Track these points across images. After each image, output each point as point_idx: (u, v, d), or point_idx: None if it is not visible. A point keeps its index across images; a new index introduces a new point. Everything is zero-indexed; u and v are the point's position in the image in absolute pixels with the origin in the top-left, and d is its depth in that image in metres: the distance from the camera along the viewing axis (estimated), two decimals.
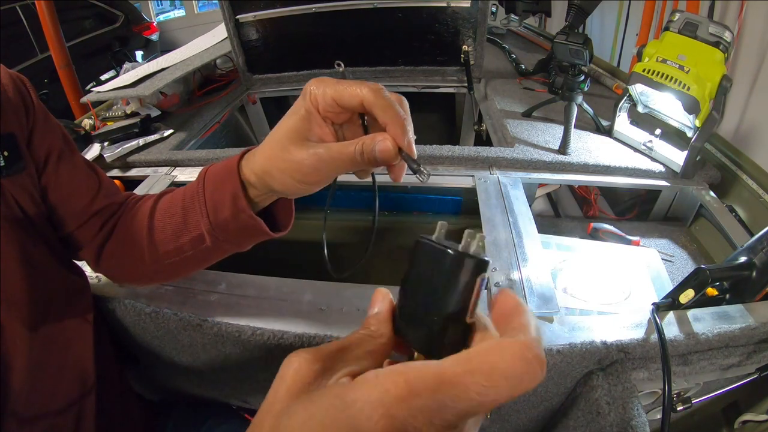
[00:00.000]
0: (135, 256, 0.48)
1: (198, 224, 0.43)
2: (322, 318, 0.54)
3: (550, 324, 0.51)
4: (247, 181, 0.40)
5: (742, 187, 0.77)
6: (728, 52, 0.71)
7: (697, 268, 0.51)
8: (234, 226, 0.42)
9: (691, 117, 0.74)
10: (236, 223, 0.42)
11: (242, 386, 0.65)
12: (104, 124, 1.05)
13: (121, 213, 0.51)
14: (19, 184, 0.43)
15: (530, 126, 0.95)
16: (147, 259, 0.48)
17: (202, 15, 5.22)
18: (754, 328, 0.50)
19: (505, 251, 0.62)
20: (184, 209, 0.45)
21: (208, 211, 0.42)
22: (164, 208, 0.47)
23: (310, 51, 1.32)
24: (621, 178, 0.80)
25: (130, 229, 0.49)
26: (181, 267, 0.49)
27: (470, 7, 1.15)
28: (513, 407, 0.58)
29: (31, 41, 2.90)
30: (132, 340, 0.62)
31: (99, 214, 0.50)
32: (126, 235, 0.49)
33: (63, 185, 0.48)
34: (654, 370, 0.51)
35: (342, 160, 0.34)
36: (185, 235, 0.45)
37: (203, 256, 0.46)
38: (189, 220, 0.44)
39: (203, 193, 0.42)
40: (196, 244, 0.45)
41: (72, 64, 1.87)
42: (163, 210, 0.47)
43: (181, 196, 0.46)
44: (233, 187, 0.40)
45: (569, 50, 0.80)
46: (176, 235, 0.45)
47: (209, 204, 0.42)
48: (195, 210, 0.43)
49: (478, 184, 0.77)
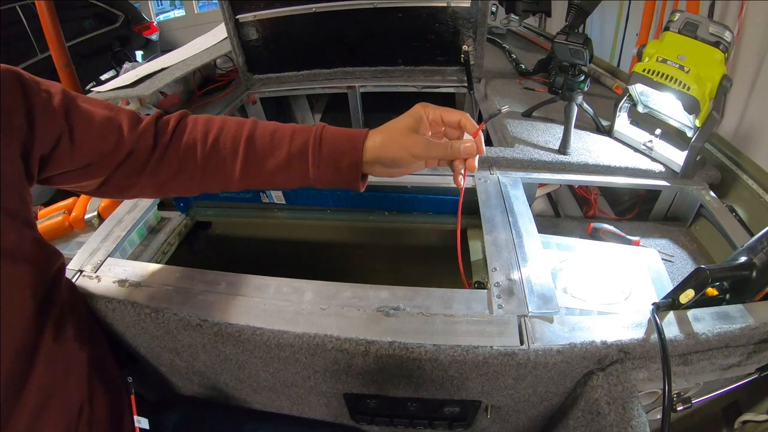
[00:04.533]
0: (222, 181, 0.54)
1: (305, 170, 0.52)
2: (322, 318, 0.54)
3: (550, 324, 0.51)
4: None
5: (742, 187, 0.77)
6: (728, 52, 0.71)
7: (697, 268, 0.51)
8: (336, 182, 0.53)
9: (691, 117, 0.74)
10: (340, 182, 0.53)
11: (242, 386, 0.65)
12: None
13: (186, 138, 0.53)
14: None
15: (530, 126, 0.95)
16: (235, 184, 0.54)
17: (202, 15, 5.22)
18: (754, 328, 0.50)
19: (505, 251, 0.62)
20: (290, 156, 0.51)
21: (320, 164, 0.51)
22: (265, 147, 0.52)
23: (309, 51, 1.32)
24: (621, 178, 0.80)
25: (214, 159, 0.53)
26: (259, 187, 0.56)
27: (470, 7, 1.15)
28: (513, 407, 0.58)
29: (31, 41, 2.90)
30: (132, 340, 0.62)
31: (138, 147, 0.51)
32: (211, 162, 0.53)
33: (84, 146, 0.49)
34: (654, 370, 0.51)
35: (440, 148, 0.51)
36: (283, 173, 0.52)
37: (287, 186, 0.55)
38: (296, 166, 0.52)
39: (319, 151, 0.51)
40: (293, 183, 0.54)
41: (72, 64, 1.87)
42: (263, 148, 0.52)
43: (287, 144, 0.52)
44: (355, 157, 0.51)
45: (569, 50, 0.80)
46: (274, 172, 0.52)
47: (324, 161, 0.51)
48: (305, 161, 0.51)
49: (478, 184, 0.77)
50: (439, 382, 0.53)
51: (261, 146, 0.52)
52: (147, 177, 0.53)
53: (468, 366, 0.49)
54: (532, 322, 0.52)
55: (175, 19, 5.42)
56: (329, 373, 0.55)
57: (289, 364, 0.55)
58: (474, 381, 0.52)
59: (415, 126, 0.51)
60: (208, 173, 0.53)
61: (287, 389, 0.62)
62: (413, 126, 0.51)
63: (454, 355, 0.48)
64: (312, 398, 0.63)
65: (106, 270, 0.64)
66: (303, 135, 0.52)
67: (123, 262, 0.65)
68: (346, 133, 0.53)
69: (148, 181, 0.53)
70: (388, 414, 0.61)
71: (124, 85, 1.11)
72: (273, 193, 0.89)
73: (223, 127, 0.53)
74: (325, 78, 1.35)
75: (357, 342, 0.50)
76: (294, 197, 0.89)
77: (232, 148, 0.52)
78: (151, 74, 1.16)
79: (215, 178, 0.54)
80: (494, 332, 0.51)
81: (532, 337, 0.50)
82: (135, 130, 0.51)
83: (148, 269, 0.63)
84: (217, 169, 0.53)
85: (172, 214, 0.90)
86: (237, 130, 0.53)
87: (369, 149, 0.51)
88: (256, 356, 0.56)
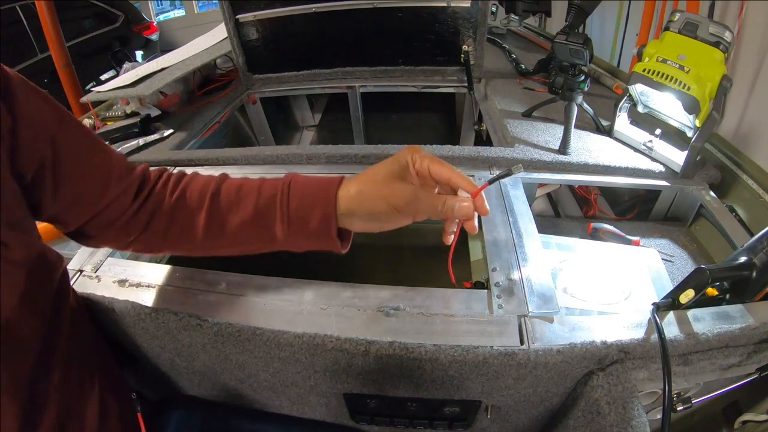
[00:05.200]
0: (186, 237, 0.49)
1: (272, 228, 0.47)
2: (322, 318, 0.54)
3: (550, 324, 0.51)
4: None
5: (742, 187, 0.77)
6: (728, 52, 0.71)
7: (697, 268, 0.51)
8: (311, 242, 0.47)
9: (691, 117, 0.74)
10: (315, 241, 0.46)
11: (242, 386, 0.65)
12: (104, 124, 1.05)
13: (159, 194, 0.50)
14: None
15: (530, 126, 0.95)
16: (198, 241, 0.49)
17: (202, 15, 5.22)
18: (754, 328, 0.50)
19: (505, 251, 0.62)
20: (257, 210, 0.47)
21: (290, 220, 0.46)
22: (231, 201, 0.48)
23: (310, 51, 1.32)
24: (621, 178, 0.80)
25: (181, 211, 0.49)
26: (225, 250, 0.51)
27: (470, 7, 1.15)
28: (513, 407, 0.58)
29: (31, 41, 2.91)
30: (132, 340, 0.62)
31: (120, 198, 0.48)
32: (179, 216, 0.49)
33: (68, 185, 0.45)
34: (654, 370, 0.51)
35: (427, 203, 0.43)
36: (250, 229, 0.47)
37: (255, 248, 0.50)
38: (262, 222, 0.47)
39: (287, 203, 0.46)
40: (262, 245, 0.49)
41: (72, 64, 1.87)
42: (228, 202, 0.48)
43: (254, 197, 0.47)
44: (327, 209, 0.45)
45: (569, 50, 0.80)
46: (240, 228, 0.48)
47: (293, 216, 0.46)
48: (272, 215, 0.46)
49: (478, 184, 0.76)
50: (439, 382, 0.53)
51: (226, 199, 0.48)
52: (114, 232, 0.49)
53: (468, 366, 0.49)
54: (532, 322, 0.52)
55: (175, 19, 5.42)
56: (329, 373, 0.55)
57: (289, 364, 0.55)
58: (474, 381, 0.52)
59: (399, 173, 0.43)
60: (170, 234, 0.49)
61: (287, 389, 0.62)
62: (398, 173, 0.43)
63: (454, 355, 0.48)
64: (312, 398, 0.63)
65: (106, 270, 0.64)
66: (271, 187, 0.48)
67: (123, 262, 0.65)
68: (317, 182, 0.47)
69: (114, 236, 0.50)
70: (388, 414, 0.61)
71: (124, 84, 1.11)
72: None
73: (191, 181, 0.50)
74: (325, 78, 1.35)
75: (357, 342, 0.50)
76: None
77: (198, 201, 0.48)
78: (151, 74, 1.16)
79: (180, 237, 0.50)
80: (494, 332, 0.51)
81: (532, 337, 0.50)
82: (121, 182, 0.48)
83: (148, 269, 0.63)
84: (182, 229, 0.49)
85: None
86: (204, 185, 0.49)
87: (343, 199, 0.45)
88: (256, 356, 0.56)
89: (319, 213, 0.45)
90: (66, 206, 0.46)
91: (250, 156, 0.89)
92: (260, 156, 0.89)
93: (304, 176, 0.48)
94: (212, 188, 0.49)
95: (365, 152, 0.84)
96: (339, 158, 0.85)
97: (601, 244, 0.70)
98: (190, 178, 0.51)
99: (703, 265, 0.51)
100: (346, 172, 0.83)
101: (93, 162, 0.47)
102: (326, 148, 0.88)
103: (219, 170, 0.87)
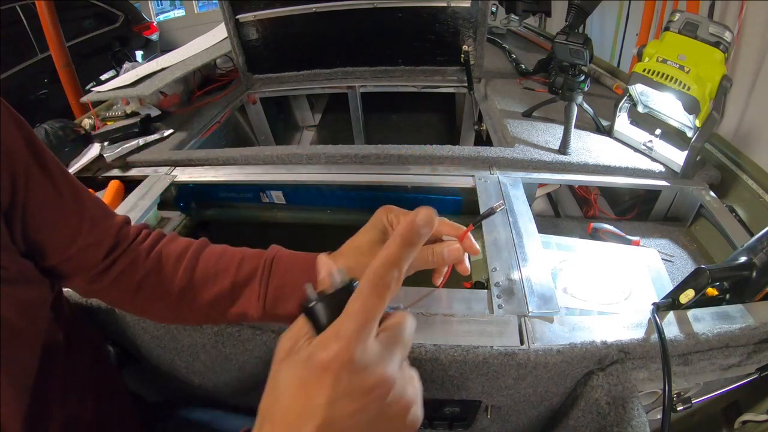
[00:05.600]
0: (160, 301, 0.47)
1: (248, 304, 0.45)
2: None
3: (550, 324, 0.51)
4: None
5: (742, 187, 0.77)
6: (728, 52, 0.71)
7: (697, 268, 0.51)
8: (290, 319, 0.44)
9: (691, 117, 0.74)
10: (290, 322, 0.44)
11: (242, 386, 0.65)
12: (104, 124, 1.05)
13: (132, 252, 0.48)
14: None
15: (530, 126, 0.95)
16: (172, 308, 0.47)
17: (202, 15, 5.22)
18: (754, 328, 0.50)
19: (505, 251, 0.62)
20: (234, 285, 0.46)
21: (266, 301, 0.45)
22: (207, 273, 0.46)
23: (310, 51, 1.33)
24: (621, 178, 0.80)
25: (156, 275, 0.47)
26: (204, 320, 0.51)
27: (470, 7, 1.15)
28: (513, 407, 0.58)
29: (31, 41, 2.90)
30: (132, 340, 0.62)
31: (91, 249, 0.46)
32: (152, 277, 0.47)
33: (33, 233, 0.42)
34: (654, 370, 0.51)
35: (417, 258, 0.39)
36: (224, 303, 0.46)
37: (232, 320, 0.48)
38: (238, 297, 0.46)
39: (266, 284, 0.45)
40: (237, 318, 0.47)
41: (72, 64, 1.87)
42: (205, 274, 0.46)
43: (234, 269, 0.46)
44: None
45: (569, 50, 0.80)
46: (216, 301, 0.46)
47: (270, 295, 0.45)
48: (250, 292, 0.45)
49: (478, 184, 0.77)
50: (439, 382, 0.53)
51: (203, 270, 0.46)
52: (81, 280, 0.47)
53: (468, 366, 0.49)
54: (532, 322, 0.52)
55: (175, 19, 5.42)
56: None
57: None
58: (474, 381, 0.52)
59: (380, 238, 0.43)
60: (140, 296, 0.47)
61: None
62: (379, 239, 0.43)
63: (454, 355, 0.48)
64: None
65: None
66: (252, 261, 0.46)
67: None
68: (300, 260, 0.46)
69: (83, 282, 0.48)
70: None
71: (124, 84, 1.11)
72: (273, 193, 0.89)
73: (169, 243, 0.49)
74: (325, 78, 1.35)
75: None
76: (294, 197, 0.89)
77: (173, 267, 0.47)
78: (151, 74, 1.16)
79: (152, 300, 0.48)
80: (494, 332, 0.51)
81: (532, 337, 0.50)
82: (93, 232, 0.45)
83: None
84: (154, 290, 0.47)
85: (172, 214, 0.90)
86: (183, 249, 0.48)
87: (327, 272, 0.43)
88: (256, 356, 0.56)
89: (300, 294, 0.42)
90: (31, 249, 0.43)
91: (250, 156, 0.89)
92: (260, 156, 0.89)
93: (289, 253, 0.47)
94: (191, 253, 0.47)
95: (365, 152, 0.84)
96: (339, 158, 0.85)
97: (601, 244, 0.70)
98: (167, 240, 0.50)
99: (703, 265, 0.51)
100: (346, 172, 0.84)
101: (64, 210, 0.44)
102: (326, 148, 0.88)
103: (219, 170, 0.88)
